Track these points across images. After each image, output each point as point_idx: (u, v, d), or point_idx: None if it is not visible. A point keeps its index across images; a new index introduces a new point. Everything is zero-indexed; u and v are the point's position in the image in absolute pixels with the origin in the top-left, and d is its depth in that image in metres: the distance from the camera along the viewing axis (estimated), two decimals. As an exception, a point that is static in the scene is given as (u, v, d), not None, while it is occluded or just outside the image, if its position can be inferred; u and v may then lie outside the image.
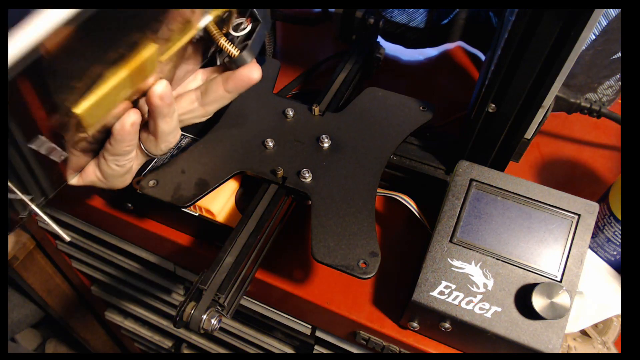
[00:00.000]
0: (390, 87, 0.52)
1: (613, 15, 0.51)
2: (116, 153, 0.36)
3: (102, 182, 0.38)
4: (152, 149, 0.38)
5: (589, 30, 0.33)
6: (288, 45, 0.73)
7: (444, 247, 0.39)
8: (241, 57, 0.37)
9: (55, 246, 0.75)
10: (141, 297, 0.72)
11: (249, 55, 0.37)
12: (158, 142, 0.38)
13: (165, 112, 0.35)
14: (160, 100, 0.34)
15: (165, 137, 0.37)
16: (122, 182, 0.39)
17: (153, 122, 0.36)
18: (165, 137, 0.37)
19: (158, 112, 0.35)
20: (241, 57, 0.37)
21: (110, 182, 0.38)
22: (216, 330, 0.35)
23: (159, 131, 0.37)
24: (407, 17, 0.67)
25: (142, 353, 1.03)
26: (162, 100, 0.34)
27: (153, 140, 0.38)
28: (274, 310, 0.54)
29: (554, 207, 0.39)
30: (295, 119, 0.48)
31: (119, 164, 0.37)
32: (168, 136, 0.37)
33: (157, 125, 0.36)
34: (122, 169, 0.38)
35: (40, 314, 1.04)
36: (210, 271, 0.37)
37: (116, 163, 0.37)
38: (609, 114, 0.50)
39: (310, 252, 0.38)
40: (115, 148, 0.35)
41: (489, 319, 0.37)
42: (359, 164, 0.44)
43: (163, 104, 0.35)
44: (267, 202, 0.42)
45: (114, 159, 0.36)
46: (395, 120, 0.48)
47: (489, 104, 0.41)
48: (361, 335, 0.46)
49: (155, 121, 0.36)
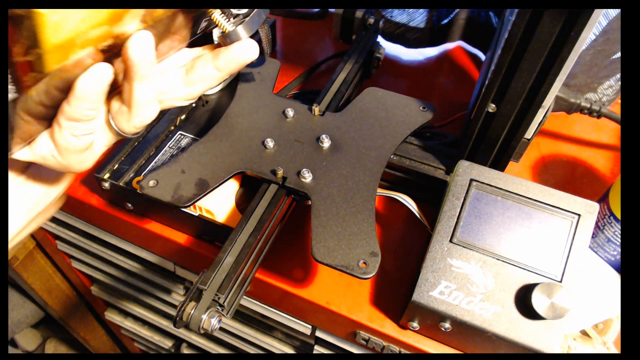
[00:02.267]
0: (390, 87, 0.52)
1: (613, 15, 0.51)
2: (74, 116, 0.29)
3: (55, 158, 0.31)
4: (124, 124, 0.32)
5: (589, 30, 0.33)
6: (288, 45, 0.73)
7: (444, 247, 0.39)
8: (235, 32, 0.33)
9: (55, 246, 0.75)
10: (141, 297, 0.72)
11: (245, 32, 0.33)
12: (132, 114, 0.31)
13: (143, 73, 0.30)
14: (139, 54, 0.29)
15: (141, 108, 0.31)
16: (80, 163, 0.32)
17: (128, 86, 0.30)
18: (141, 109, 0.31)
19: (136, 71, 0.29)
20: (236, 32, 0.33)
21: (65, 158, 0.31)
22: (216, 330, 0.35)
23: (134, 99, 0.30)
24: (407, 16, 0.67)
25: (142, 353, 1.03)
26: (141, 55, 0.29)
27: (126, 112, 0.31)
28: (274, 310, 0.54)
29: (554, 207, 0.39)
30: (295, 119, 0.48)
31: (75, 133, 0.30)
32: (144, 107, 0.31)
33: (133, 89, 0.30)
34: (79, 141, 0.30)
35: (40, 314, 1.04)
36: (210, 271, 0.37)
37: (72, 131, 0.29)
38: (609, 114, 0.50)
39: (310, 252, 0.38)
40: (74, 109, 0.29)
41: (489, 319, 0.37)
42: (359, 164, 0.44)
43: (142, 60, 0.29)
44: (267, 202, 0.42)
45: (70, 125, 0.29)
46: (395, 120, 0.48)
47: (489, 104, 0.41)
48: (361, 335, 0.46)
49: (131, 84, 0.30)
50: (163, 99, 0.34)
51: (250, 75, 0.53)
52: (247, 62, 0.34)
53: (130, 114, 0.31)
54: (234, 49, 0.33)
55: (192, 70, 0.34)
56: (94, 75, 0.28)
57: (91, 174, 0.54)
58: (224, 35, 0.33)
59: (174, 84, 0.34)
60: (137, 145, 0.52)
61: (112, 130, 0.32)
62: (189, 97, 0.35)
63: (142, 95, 0.31)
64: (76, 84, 0.28)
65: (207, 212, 0.46)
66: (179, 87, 0.34)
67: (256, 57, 0.34)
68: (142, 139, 0.52)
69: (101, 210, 0.52)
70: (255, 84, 0.52)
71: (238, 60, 0.33)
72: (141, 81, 0.30)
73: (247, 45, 0.33)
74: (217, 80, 0.34)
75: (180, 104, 0.35)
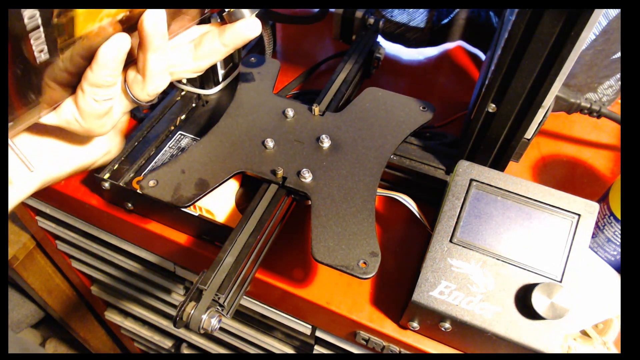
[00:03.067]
0: (390, 87, 0.52)
1: (613, 15, 0.51)
2: (96, 82, 0.33)
3: (78, 122, 0.35)
4: (139, 92, 0.36)
5: (589, 30, 0.33)
6: (288, 45, 0.73)
7: (444, 247, 0.39)
8: (240, 11, 0.36)
9: (55, 246, 0.75)
10: (141, 297, 0.72)
11: (249, 10, 0.36)
12: (146, 82, 0.35)
13: (157, 44, 0.33)
14: (153, 26, 0.32)
15: (154, 77, 0.35)
16: (101, 127, 0.36)
17: (143, 57, 0.34)
18: (153, 78, 0.35)
19: (150, 42, 0.33)
20: (240, 10, 0.36)
21: (88, 122, 0.35)
22: (216, 330, 0.35)
23: (148, 68, 0.34)
24: (407, 16, 0.67)
25: (142, 353, 1.03)
26: (154, 27, 0.32)
27: (140, 81, 0.35)
28: (274, 310, 0.54)
29: (554, 207, 0.39)
30: (295, 119, 0.48)
31: (96, 98, 0.34)
32: (157, 77, 0.35)
33: (147, 59, 0.34)
34: (100, 106, 0.34)
35: (40, 314, 1.04)
36: (210, 271, 0.37)
37: (94, 96, 0.33)
38: (609, 114, 0.50)
39: (310, 252, 0.38)
40: (96, 75, 0.32)
41: (489, 319, 0.37)
42: (359, 164, 0.44)
43: (155, 32, 0.32)
44: (267, 202, 0.42)
45: (93, 90, 0.33)
46: (395, 120, 0.48)
47: (489, 104, 0.41)
48: (361, 335, 0.46)
49: (145, 55, 0.34)
50: (174, 71, 0.38)
51: (250, 75, 0.53)
52: (250, 38, 0.37)
53: (145, 83, 0.35)
54: (238, 26, 0.36)
55: (200, 46, 0.37)
56: (114, 43, 0.32)
57: (91, 174, 0.54)
58: (229, 14, 0.36)
59: (184, 57, 0.37)
60: (137, 145, 0.52)
61: (128, 97, 0.37)
62: (197, 69, 0.39)
63: (155, 65, 0.34)
64: (99, 52, 0.32)
65: (207, 212, 0.46)
66: (188, 60, 0.38)
67: (258, 33, 0.37)
68: (142, 139, 0.52)
69: (101, 210, 0.52)
70: (255, 84, 0.52)
71: (242, 37, 0.36)
72: (154, 52, 0.33)
73: (251, 22, 0.36)
74: (222, 54, 0.38)
75: (189, 75, 0.39)
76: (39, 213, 0.68)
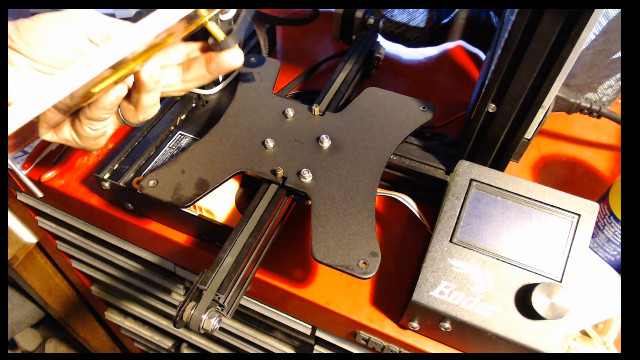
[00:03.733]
0: (390, 87, 0.52)
1: (613, 15, 0.51)
2: (93, 118, 0.37)
3: (76, 142, 0.39)
4: (130, 118, 0.40)
5: (589, 30, 0.33)
6: (288, 45, 0.73)
7: (444, 247, 0.39)
8: (225, 42, 0.39)
9: (55, 246, 0.75)
10: (141, 297, 0.72)
11: (233, 40, 0.39)
12: (137, 113, 0.39)
13: (151, 88, 0.37)
14: (149, 78, 0.36)
15: (146, 109, 0.39)
16: (95, 145, 0.41)
17: (137, 95, 0.38)
18: (145, 110, 0.39)
19: (144, 87, 0.37)
20: (225, 41, 0.39)
21: (84, 143, 0.39)
22: (216, 330, 0.35)
23: (141, 104, 0.38)
24: (407, 16, 0.67)
25: (142, 353, 1.03)
26: (150, 79, 0.36)
27: (133, 110, 0.39)
28: (274, 310, 0.54)
29: (554, 207, 0.39)
30: (295, 119, 0.48)
31: (92, 128, 0.38)
32: (148, 109, 0.39)
33: (140, 98, 0.38)
34: (95, 132, 0.38)
35: (40, 314, 1.04)
36: (210, 271, 0.37)
37: (90, 127, 0.38)
38: (609, 114, 0.50)
39: (310, 252, 0.38)
40: (92, 113, 0.36)
41: (489, 319, 0.37)
42: (359, 164, 0.44)
43: (150, 81, 0.36)
44: (267, 202, 0.42)
45: (89, 122, 0.37)
46: (395, 120, 0.48)
47: (489, 104, 0.41)
48: (361, 335, 0.46)
49: (139, 94, 0.37)
50: (163, 91, 0.41)
51: (250, 75, 0.53)
52: (234, 68, 0.40)
53: (137, 112, 0.39)
54: (223, 56, 0.39)
55: (188, 71, 0.40)
56: (113, 93, 0.35)
57: (91, 174, 0.54)
58: (215, 43, 0.39)
59: (172, 80, 0.41)
60: (137, 145, 0.52)
61: (119, 119, 0.40)
62: (184, 90, 0.42)
63: (147, 101, 0.38)
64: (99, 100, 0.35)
65: (207, 212, 0.46)
66: (176, 82, 0.41)
67: (241, 63, 0.40)
68: (142, 139, 0.52)
69: (101, 210, 0.52)
70: (255, 84, 0.52)
71: (226, 66, 0.40)
72: (147, 93, 0.37)
73: (234, 53, 0.39)
74: (209, 79, 0.41)
75: (176, 94, 0.43)
76: (39, 213, 0.68)
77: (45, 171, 0.54)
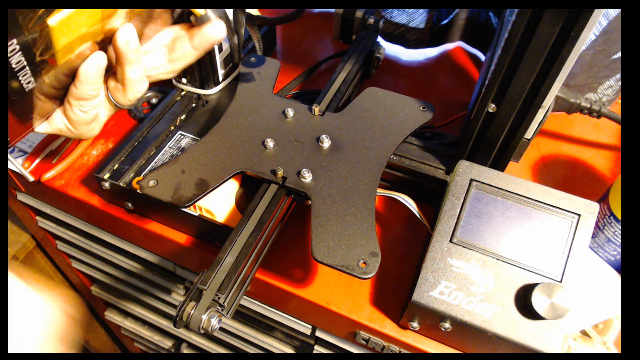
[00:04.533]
0: (390, 87, 0.52)
1: (613, 15, 0.51)
2: (80, 96, 0.37)
3: (70, 130, 0.39)
4: (120, 98, 0.40)
5: (589, 30, 0.33)
6: (288, 45, 0.73)
7: (444, 247, 0.39)
8: (206, 16, 0.39)
9: (55, 246, 0.75)
10: (141, 297, 0.72)
11: (214, 14, 0.40)
12: (126, 90, 0.39)
13: (131, 58, 0.37)
14: (125, 45, 0.36)
15: (133, 85, 0.39)
16: (90, 131, 0.40)
17: (120, 69, 0.37)
18: (132, 86, 0.39)
19: (124, 57, 0.36)
20: (206, 15, 0.39)
21: (78, 129, 0.39)
22: (216, 330, 0.35)
23: (126, 78, 0.38)
24: (407, 17, 0.67)
25: (142, 353, 1.03)
26: (127, 45, 0.36)
27: (121, 89, 0.39)
28: (274, 310, 0.54)
29: (554, 207, 0.39)
30: (295, 119, 0.48)
31: (83, 110, 0.38)
32: (135, 84, 0.39)
33: (125, 71, 0.37)
34: (87, 115, 0.38)
35: (40, 314, 1.03)
36: (210, 271, 0.37)
37: (80, 108, 0.37)
38: (609, 114, 0.50)
39: (310, 252, 0.38)
40: (79, 91, 0.36)
41: (489, 319, 0.37)
42: (359, 164, 0.44)
43: (128, 49, 0.36)
44: (267, 202, 0.42)
45: (79, 103, 0.37)
46: (395, 120, 0.48)
47: (489, 104, 0.41)
48: (361, 335, 0.46)
49: (122, 67, 0.37)
50: (151, 73, 0.41)
51: (250, 75, 0.53)
52: (217, 40, 0.40)
53: (125, 90, 0.39)
54: (205, 29, 0.39)
55: (173, 50, 0.41)
56: (92, 62, 0.35)
57: (91, 174, 0.54)
58: (196, 18, 0.39)
59: (159, 61, 0.41)
60: (137, 145, 0.52)
61: (111, 103, 0.40)
62: (172, 71, 0.42)
63: (132, 74, 0.38)
64: (79, 71, 0.35)
65: (207, 212, 0.46)
66: (163, 63, 0.41)
67: (224, 35, 0.40)
68: (142, 139, 0.52)
69: (101, 210, 0.52)
70: (255, 84, 0.52)
71: (209, 39, 0.40)
72: (130, 64, 0.37)
73: (216, 25, 0.39)
74: (195, 57, 0.41)
75: (166, 77, 0.43)
76: (39, 213, 0.68)
77: (45, 171, 0.54)
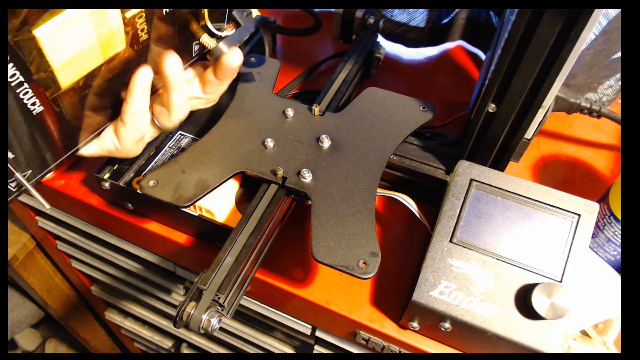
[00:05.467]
0: (390, 87, 0.52)
1: (613, 15, 0.51)
2: (133, 112, 0.40)
3: (117, 150, 0.43)
4: (165, 122, 0.43)
5: (589, 30, 0.33)
6: (288, 45, 0.73)
7: (444, 247, 0.39)
8: (218, 49, 0.41)
9: (55, 246, 0.75)
10: (141, 297, 0.72)
11: (225, 45, 0.41)
12: (171, 114, 0.42)
13: (177, 84, 0.40)
14: (172, 73, 0.39)
15: (177, 109, 0.42)
16: (136, 151, 0.44)
17: (166, 94, 0.41)
18: (177, 110, 0.42)
19: (171, 83, 0.40)
20: (218, 48, 0.41)
21: (126, 148, 0.42)
22: (216, 330, 0.35)
23: (171, 103, 0.41)
24: (408, 16, 0.67)
25: (142, 353, 1.04)
26: (173, 74, 0.39)
27: (166, 113, 0.42)
28: (274, 310, 0.54)
29: (554, 207, 0.39)
30: (295, 119, 0.48)
31: (137, 127, 0.41)
32: (179, 108, 0.42)
33: (170, 96, 0.41)
34: (138, 133, 0.42)
35: (40, 314, 1.04)
36: (210, 271, 0.37)
37: (135, 126, 0.41)
38: (609, 114, 0.50)
39: (310, 252, 0.38)
40: (131, 105, 0.39)
41: (489, 319, 0.37)
42: (359, 164, 0.44)
43: (175, 77, 0.39)
44: (267, 202, 0.42)
45: (132, 120, 0.40)
46: (395, 120, 0.48)
47: (489, 104, 0.41)
48: (361, 335, 0.46)
49: (168, 93, 0.40)
50: (191, 103, 0.44)
51: (250, 75, 0.53)
52: (236, 66, 0.42)
53: (170, 114, 0.42)
54: (222, 60, 0.41)
55: (204, 83, 0.44)
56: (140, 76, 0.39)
57: (91, 174, 0.54)
58: (210, 54, 0.42)
59: (197, 92, 0.44)
60: (137, 145, 0.52)
61: (155, 127, 0.43)
62: (209, 101, 0.46)
63: (176, 99, 0.41)
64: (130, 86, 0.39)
65: (207, 212, 0.46)
66: (199, 95, 0.45)
67: (241, 61, 0.42)
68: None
69: (101, 210, 0.52)
70: (255, 84, 0.52)
71: (229, 69, 0.42)
72: (175, 90, 0.40)
73: (231, 54, 0.41)
74: (224, 85, 0.44)
75: (204, 106, 0.46)
76: (39, 213, 0.68)
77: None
